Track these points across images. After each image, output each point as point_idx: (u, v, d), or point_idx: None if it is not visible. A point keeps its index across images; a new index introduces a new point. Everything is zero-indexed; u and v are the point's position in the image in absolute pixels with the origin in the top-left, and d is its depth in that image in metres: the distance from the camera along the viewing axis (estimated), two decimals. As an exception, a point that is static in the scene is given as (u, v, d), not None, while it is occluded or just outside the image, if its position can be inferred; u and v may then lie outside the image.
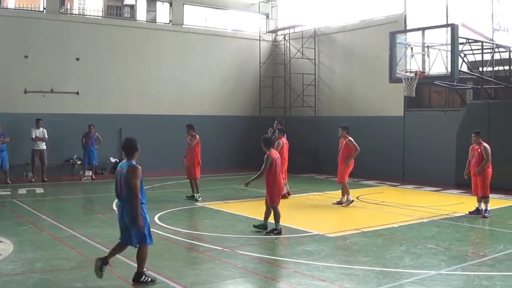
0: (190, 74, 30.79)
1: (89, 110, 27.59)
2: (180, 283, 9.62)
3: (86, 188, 24.13)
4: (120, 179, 9.66)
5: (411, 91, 21.14)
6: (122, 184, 9.60)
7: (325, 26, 31.35)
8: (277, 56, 33.58)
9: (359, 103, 28.85)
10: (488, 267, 10.96)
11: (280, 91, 32.51)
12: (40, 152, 24.99)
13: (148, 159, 28.29)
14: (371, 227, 14.91)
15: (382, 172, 26.62)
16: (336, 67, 30.61)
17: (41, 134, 25.05)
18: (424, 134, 25.68)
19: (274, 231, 13.94)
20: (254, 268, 10.86)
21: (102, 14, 29.97)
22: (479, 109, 23.43)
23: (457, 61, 20.30)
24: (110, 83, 28.58)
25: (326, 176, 26.99)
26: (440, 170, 24.67)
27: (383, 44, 23.68)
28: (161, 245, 12.69)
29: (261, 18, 34.10)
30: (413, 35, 22.13)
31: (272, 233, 13.91)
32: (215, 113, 31.32)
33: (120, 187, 9.65)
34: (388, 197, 20.78)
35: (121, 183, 9.62)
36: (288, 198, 20.19)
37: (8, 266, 10.58)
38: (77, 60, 27.60)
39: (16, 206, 18.24)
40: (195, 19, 32.05)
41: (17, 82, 26.15)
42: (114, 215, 16.60)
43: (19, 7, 27.81)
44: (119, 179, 9.67)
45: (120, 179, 9.66)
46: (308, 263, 11.03)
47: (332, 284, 9.69)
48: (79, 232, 13.97)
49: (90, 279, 9.79)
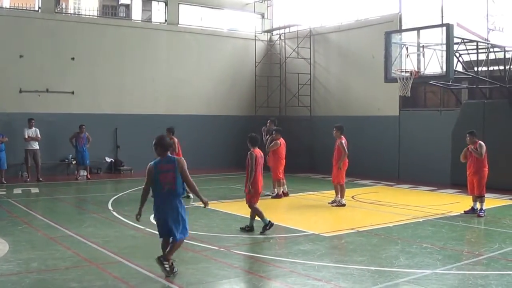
0: (186, 74, 30.79)
1: (84, 110, 27.59)
2: (176, 283, 9.62)
3: (81, 188, 24.13)
4: (167, 175, 9.89)
5: (406, 91, 21.17)
6: (171, 179, 9.86)
7: (321, 26, 31.38)
8: (272, 56, 33.61)
9: (354, 103, 28.86)
10: (483, 266, 10.98)
11: (275, 91, 32.51)
12: (34, 152, 24.95)
13: (144, 159, 28.41)
14: (367, 226, 14.92)
15: (378, 172, 26.64)
16: (332, 66, 30.62)
17: (33, 134, 25.00)
18: (419, 133, 25.71)
19: (266, 227, 13.96)
20: (250, 268, 10.89)
21: (97, 13, 29.99)
22: (474, 108, 23.46)
23: (452, 61, 20.34)
24: (106, 82, 28.58)
25: (322, 175, 26.98)
26: (435, 169, 24.70)
27: (378, 44, 23.71)
28: (157, 245, 12.65)
29: (257, 17, 34.14)
30: (408, 35, 22.18)
31: (265, 230, 13.93)
32: (211, 113, 31.34)
33: (169, 182, 9.88)
34: (384, 197, 20.79)
35: (170, 178, 9.86)
36: (284, 198, 20.24)
37: (3, 266, 10.56)
38: (72, 60, 27.58)
39: (11, 206, 18.21)
40: (191, 19, 32.06)
41: (12, 82, 26.15)
42: (109, 214, 16.69)
43: (14, 7, 27.77)
44: (167, 174, 9.90)
45: (167, 175, 9.89)
46: (303, 262, 11.04)
47: (327, 283, 9.69)
48: (75, 232, 13.96)
49: (86, 278, 9.79)
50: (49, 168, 26.55)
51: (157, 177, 9.89)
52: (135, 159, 27.83)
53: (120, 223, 15.46)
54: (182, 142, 20.80)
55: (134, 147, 27.91)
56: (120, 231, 14.39)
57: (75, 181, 25.73)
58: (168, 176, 9.86)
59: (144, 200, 10.15)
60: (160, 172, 9.89)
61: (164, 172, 9.89)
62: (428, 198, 20.89)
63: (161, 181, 9.89)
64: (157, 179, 9.89)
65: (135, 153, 27.79)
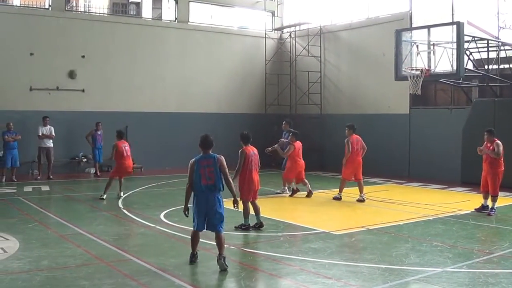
0: (196, 72, 30.78)
1: (95, 108, 27.62)
2: (186, 280, 9.64)
3: (92, 186, 24.17)
4: (207, 170, 10.63)
5: (417, 89, 21.15)
6: (211, 174, 10.61)
7: (331, 24, 31.33)
8: (282, 54, 33.55)
9: (364, 101, 28.81)
10: (494, 264, 10.94)
11: (285, 89, 32.46)
12: (47, 150, 25.03)
13: (154, 157, 28.52)
14: (377, 224, 14.91)
15: (388, 170, 26.60)
16: (342, 64, 30.57)
17: (48, 132, 25.07)
18: (430, 131, 25.64)
19: (243, 226, 14.14)
20: (260, 266, 10.89)
21: (107, 11, 29.99)
22: (484, 107, 23.39)
23: (463, 59, 20.29)
24: (116, 80, 28.60)
25: (332, 173, 26.97)
26: (445, 167, 24.65)
27: (388, 42, 23.67)
28: (167, 243, 12.73)
29: (267, 15, 34.07)
30: (418, 33, 22.16)
31: (241, 228, 14.11)
32: (221, 111, 31.32)
33: (209, 177, 10.60)
34: (394, 195, 20.77)
35: (209, 174, 10.61)
36: (295, 197, 20.25)
37: (14, 264, 10.60)
38: (82, 58, 27.62)
39: (22, 204, 18.27)
40: (201, 17, 32.06)
41: (23, 80, 26.20)
42: (119, 212, 16.72)
43: (25, 5, 27.85)
44: (206, 170, 10.63)
45: (207, 170, 10.63)
46: (314, 260, 11.04)
47: (338, 281, 9.69)
48: (85, 229, 13.99)
49: (96, 276, 9.81)
50: (59, 166, 26.58)
51: (197, 171, 10.58)
52: (145, 157, 27.89)
53: (130, 221, 15.50)
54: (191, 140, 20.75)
55: (144, 145, 27.93)
56: (130, 229, 14.44)
57: (87, 178, 25.79)
58: (208, 171, 10.59)
59: (188, 197, 10.80)
60: (201, 167, 10.61)
61: (204, 167, 10.62)
62: (438, 196, 20.84)
63: (201, 176, 10.56)
64: (197, 173, 10.57)
65: (146, 151, 27.84)
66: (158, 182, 23.70)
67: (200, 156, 10.77)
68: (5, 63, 25.92)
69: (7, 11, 26.60)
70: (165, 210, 16.78)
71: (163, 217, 15.73)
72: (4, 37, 25.96)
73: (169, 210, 16.87)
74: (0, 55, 25.83)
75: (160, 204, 18.05)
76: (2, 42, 25.85)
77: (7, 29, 25.99)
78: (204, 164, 10.63)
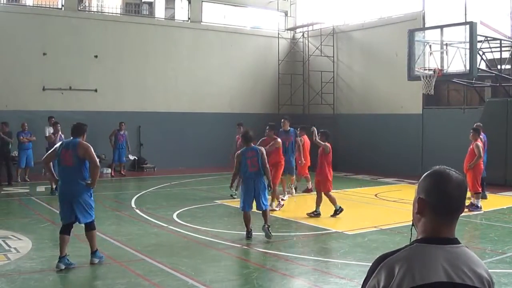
0: (209, 72, 30.78)
1: (108, 108, 27.68)
2: (199, 280, 9.64)
3: (104, 186, 24.17)
4: (251, 160, 12.98)
5: (430, 89, 21.10)
6: (255, 163, 12.95)
7: (344, 24, 31.29)
8: (295, 54, 33.53)
9: (377, 101, 28.74)
10: (507, 264, 10.91)
11: (298, 89, 32.45)
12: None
13: (166, 156, 28.55)
14: (390, 224, 14.88)
15: (401, 170, 26.50)
16: (355, 64, 30.53)
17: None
18: (443, 131, 25.55)
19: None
20: (273, 266, 10.88)
21: (120, 11, 30.09)
22: (497, 106, 23.29)
23: (476, 59, 20.25)
24: (129, 80, 28.65)
25: (345, 173, 26.91)
26: (458, 167, 24.43)
27: (401, 42, 23.62)
28: (179, 243, 12.74)
29: (280, 15, 34.04)
30: (431, 33, 22.13)
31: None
32: (234, 111, 31.27)
33: (254, 165, 12.95)
34: (407, 195, 20.65)
35: (253, 162, 12.96)
36: (307, 195, 20.25)
37: (26, 264, 10.65)
38: (95, 58, 27.69)
39: (35, 204, 18.33)
40: (214, 17, 32.10)
41: (36, 80, 26.27)
42: (132, 212, 16.74)
43: (38, 5, 27.98)
44: (250, 160, 12.97)
45: (251, 160, 12.98)
46: (326, 260, 11.05)
47: (350, 281, 9.67)
48: (98, 229, 13.95)
49: (109, 276, 9.85)
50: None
51: (245, 161, 12.97)
52: (158, 157, 27.95)
53: (143, 220, 15.51)
54: (203, 139, 20.80)
55: (157, 145, 28.01)
56: (143, 229, 14.44)
57: (101, 178, 25.77)
58: (253, 160, 12.95)
59: (234, 178, 13.81)
60: (247, 158, 13.00)
61: (250, 158, 12.99)
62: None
63: (248, 165, 12.93)
64: (245, 163, 12.96)
65: (158, 151, 27.91)
66: (170, 182, 23.72)
67: (244, 148, 13.23)
68: (18, 63, 25.99)
69: (20, 11, 26.72)
70: (178, 210, 16.77)
71: (176, 217, 15.74)
72: (17, 37, 26.04)
73: (182, 210, 16.86)
74: (13, 55, 25.92)
75: (172, 204, 18.07)
76: (15, 42, 25.94)
77: (20, 29, 26.06)
78: (249, 156, 12.98)
